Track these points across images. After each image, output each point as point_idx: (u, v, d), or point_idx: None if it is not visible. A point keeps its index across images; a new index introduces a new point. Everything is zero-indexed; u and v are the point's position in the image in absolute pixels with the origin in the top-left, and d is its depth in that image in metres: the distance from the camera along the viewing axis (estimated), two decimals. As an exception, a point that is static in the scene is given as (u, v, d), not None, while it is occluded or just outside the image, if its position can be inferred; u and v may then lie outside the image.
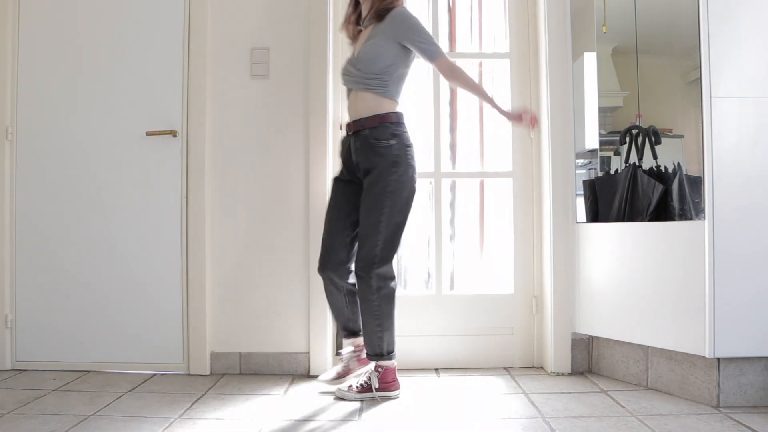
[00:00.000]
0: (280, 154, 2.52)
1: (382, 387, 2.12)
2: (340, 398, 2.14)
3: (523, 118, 2.10)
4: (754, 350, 1.94)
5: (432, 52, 2.11)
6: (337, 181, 2.26)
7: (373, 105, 2.10)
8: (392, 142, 2.08)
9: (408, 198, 2.11)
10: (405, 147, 2.11)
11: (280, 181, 2.52)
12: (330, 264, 2.18)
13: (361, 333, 2.20)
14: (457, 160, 2.73)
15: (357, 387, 2.14)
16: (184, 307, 2.51)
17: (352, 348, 2.28)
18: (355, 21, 2.25)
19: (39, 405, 2.06)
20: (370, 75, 2.10)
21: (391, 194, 2.07)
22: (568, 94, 2.47)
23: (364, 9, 2.20)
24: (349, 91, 2.21)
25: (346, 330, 2.28)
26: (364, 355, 2.24)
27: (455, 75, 2.12)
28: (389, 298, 2.11)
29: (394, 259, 2.13)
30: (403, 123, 2.14)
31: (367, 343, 2.15)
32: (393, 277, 2.12)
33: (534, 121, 2.11)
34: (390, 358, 2.14)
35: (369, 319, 2.11)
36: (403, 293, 2.67)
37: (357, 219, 2.16)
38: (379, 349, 2.13)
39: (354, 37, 2.27)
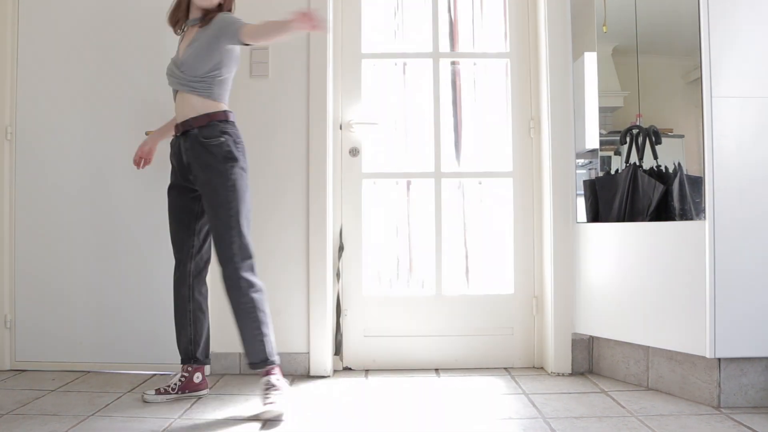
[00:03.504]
0: (280, 154, 2.52)
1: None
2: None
3: (303, 19, 1.87)
4: (755, 350, 1.94)
5: (237, 29, 2.03)
6: (171, 189, 2.20)
7: (198, 106, 2.08)
8: (222, 138, 2.06)
9: (246, 191, 2.08)
10: (236, 143, 2.09)
11: (279, 181, 2.52)
12: (187, 273, 2.20)
13: (200, 359, 2.19)
14: (457, 160, 2.72)
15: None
16: (184, 307, 2.50)
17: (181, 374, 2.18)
18: (182, 18, 2.17)
19: (38, 405, 2.06)
20: (194, 78, 2.08)
21: (233, 189, 2.04)
22: (568, 94, 2.46)
23: (195, 13, 2.14)
24: (176, 92, 2.16)
25: (186, 353, 2.20)
26: (197, 379, 2.19)
27: (259, 33, 2.02)
28: (262, 300, 2.05)
29: (254, 263, 2.06)
30: (232, 121, 2.12)
31: (250, 352, 2.03)
32: (256, 286, 2.04)
33: (310, 19, 1.85)
34: (275, 362, 2.04)
35: (246, 323, 2.02)
36: (403, 293, 2.66)
37: (199, 226, 2.18)
38: (265, 354, 2.02)
39: (178, 33, 2.22)
